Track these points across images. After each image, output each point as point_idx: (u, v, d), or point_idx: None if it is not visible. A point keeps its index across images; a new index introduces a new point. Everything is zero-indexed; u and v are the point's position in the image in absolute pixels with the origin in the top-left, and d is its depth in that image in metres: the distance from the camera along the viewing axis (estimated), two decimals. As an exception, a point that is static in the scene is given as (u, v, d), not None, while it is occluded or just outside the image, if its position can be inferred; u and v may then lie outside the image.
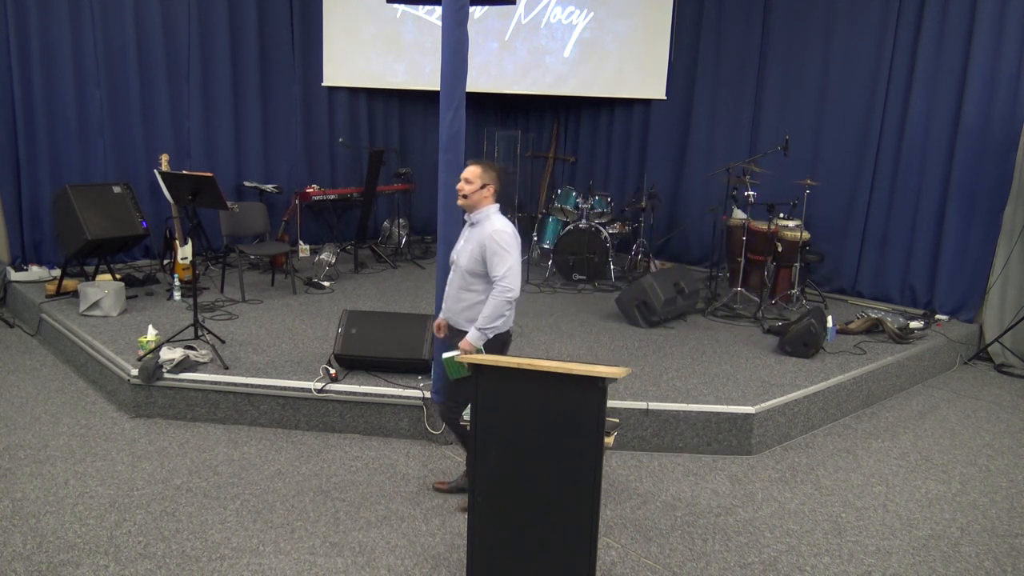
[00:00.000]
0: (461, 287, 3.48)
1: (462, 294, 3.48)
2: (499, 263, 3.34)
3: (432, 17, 8.37)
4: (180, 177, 5.10)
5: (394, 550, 3.33)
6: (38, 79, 6.52)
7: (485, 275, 3.41)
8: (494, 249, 3.35)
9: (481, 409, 2.86)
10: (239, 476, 3.90)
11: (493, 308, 3.35)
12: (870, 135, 6.98)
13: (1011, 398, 5.55)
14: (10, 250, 6.66)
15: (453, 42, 3.85)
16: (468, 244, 3.46)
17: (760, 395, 4.59)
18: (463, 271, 3.46)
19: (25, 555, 3.15)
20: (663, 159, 8.59)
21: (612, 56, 8.64)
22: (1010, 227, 6.22)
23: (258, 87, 7.91)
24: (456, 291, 3.51)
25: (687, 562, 3.33)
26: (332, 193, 8.18)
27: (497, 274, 3.34)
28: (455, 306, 3.52)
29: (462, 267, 3.46)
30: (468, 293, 3.46)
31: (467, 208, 3.48)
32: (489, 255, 3.35)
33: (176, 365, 4.52)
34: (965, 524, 3.74)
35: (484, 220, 3.44)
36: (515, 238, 3.41)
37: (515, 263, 3.37)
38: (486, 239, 3.36)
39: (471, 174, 3.44)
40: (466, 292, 3.47)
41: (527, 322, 6.04)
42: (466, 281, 3.46)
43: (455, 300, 3.52)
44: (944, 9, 6.45)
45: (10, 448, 4.08)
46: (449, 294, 3.57)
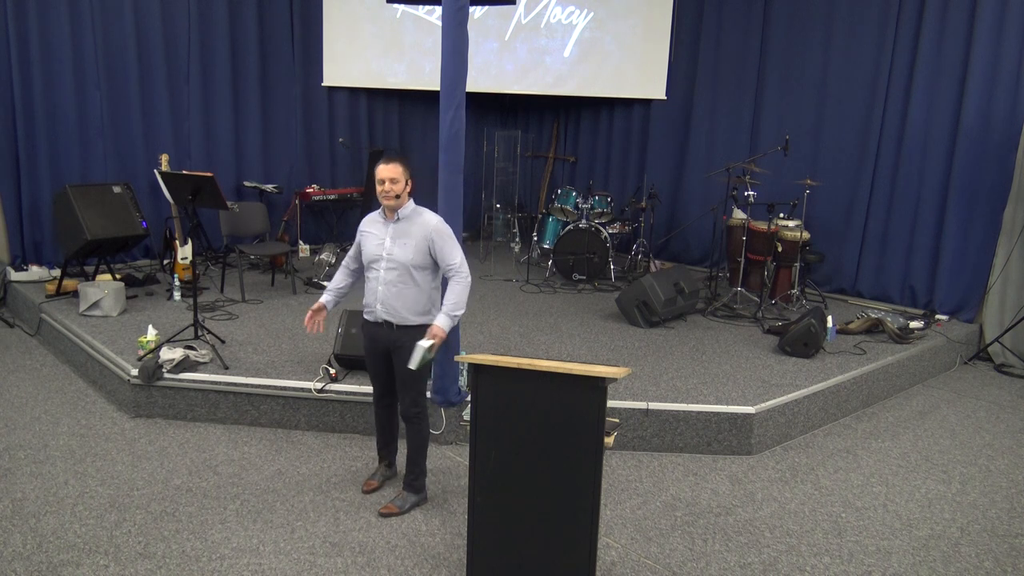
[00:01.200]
0: (400, 283, 3.47)
1: (403, 289, 3.47)
2: (451, 252, 3.47)
3: (432, 17, 8.37)
4: (180, 177, 5.10)
5: (394, 550, 3.33)
6: (38, 79, 6.52)
7: (430, 267, 3.49)
8: (444, 240, 3.47)
9: (481, 409, 2.86)
10: (239, 476, 3.90)
11: (459, 295, 3.44)
12: (870, 135, 6.98)
13: (1011, 398, 5.55)
14: (10, 250, 6.66)
15: (453, 42, 3.85)
16: (404, 239, 3.46)
17: (760, 395, 4.59)
18: (405, 266, 3.44)
19: (25, 555, 3.15)
20: (663, 159, 8.60)
21: (612, 56, 8.64)
22: (1010, 227, 6.22)
23: (258, 87, 7.91)
24: (394, 288, 3.47)
25: (687, 562, 3.33)
26: (332, 193, 8.18)
27: (454, 263, 3.46)
28: (395, 302, 3.47)
29: (403, 262, 3.44)
30: (409, 288, 3.48)
31: (396, 207, 3.50)
32: (439, 247, 3.46)
33: (176, 365, 4.51)
34: (965, 524, 3.74)
35: (414, 215, 3.52)
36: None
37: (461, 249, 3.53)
38: (431, 233, 3.46)
39: (396, 172, 3.45)
40: (407, 287, 3.47)
41: (527, 322, 6.04)
42: (408, 276, 3.46)
43: (395, 297, 3.47)
44: (944, 9, 6.45)
45: (10, 448, 4.08)
46: (385, 293, 3.47)
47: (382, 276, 3.49)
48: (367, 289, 3.57)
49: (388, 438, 3.89)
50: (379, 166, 3.46)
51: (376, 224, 3.58)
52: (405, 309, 3.49)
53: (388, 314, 3.50)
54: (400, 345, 3.49)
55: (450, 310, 3.43)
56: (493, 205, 9.39)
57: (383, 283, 3.49)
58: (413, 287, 3.48)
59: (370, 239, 3.56)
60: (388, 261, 3.47)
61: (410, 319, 3.50)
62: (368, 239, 3.57)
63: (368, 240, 3.56)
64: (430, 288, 3.53)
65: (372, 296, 3.53)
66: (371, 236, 3.56)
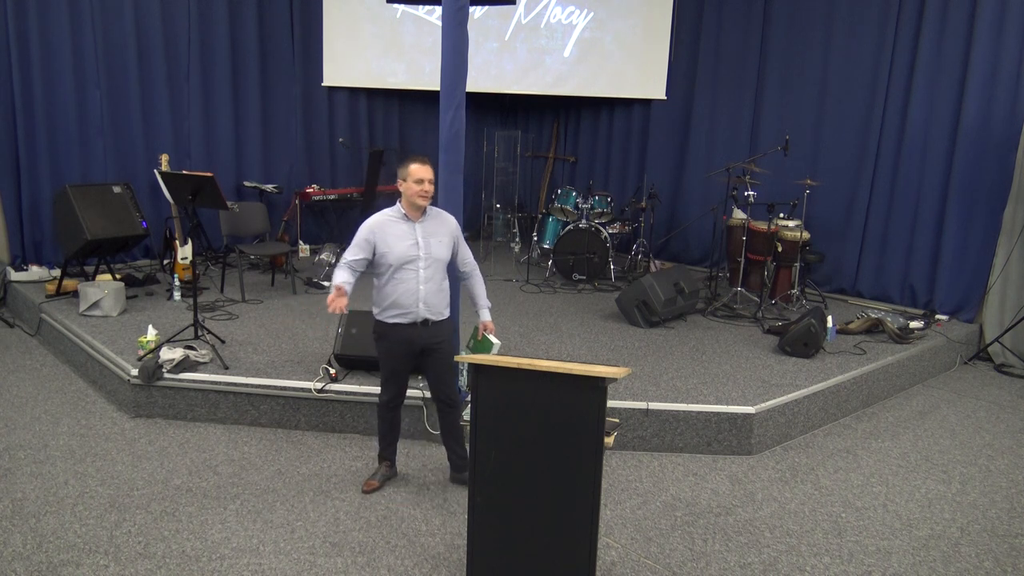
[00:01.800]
0: (440, 280, 3.62)
1: (442, 286, 3.63)
2: (467, 248, 3.78)
3: (432, 17, 8.37)
4: (180, 177, 5.10)
5: (394, 550, 3.33)
6: (38, 79, 6.52)
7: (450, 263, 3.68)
8: (461, 236, 3.73)
9: (481, 409, 2.86)
10: (239, 476, 3.91)
11: (484, 287, 3.82)
12: (870, 135, 6.98)
13: (1011, 398, 5.55)
14: (10, 250, 6.66)
15: (453, 42, 3.85)
16: (436, 238, 3.58)
17: (760, 395, 4.59)
18: (442, 263, 3.61)
19: (25, 555, 3.15)
20: (663, 159, 8.60)
21: (612, 56, 8.64)
22: (1010, 227, 6.22)
23: (258, 87, 7.91)
24: (436, 286, 3.59)
25: (687, 562, 3.33)
26: (332, 193, 8.18)
27: (471, 259, 3.78)
28: (436, 299, 3.60)
29: (442, 259, 3.60)
30: (444, 284, 3.65)
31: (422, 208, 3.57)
32: (460, 243, 3.71)
33: (176, 365, 4.51)
34: (965, 524, 3.74)
35: (439, 214, 3.69)
36: None
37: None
38: (454, 230, 3.69)
39: (432, 173, 3.54)
40: (443, 283, 3.65)
41: (527, 322, 6.04)
42: (442, 272, 3.63)
43: (435, 294, 3.59)
44: (944, 9, 6.45)
45: (10, 448, 4.08)
46: (429, 291, 3.56)
47: (425, 275, 3.54)
48: (401, 291, 3.53)
49: (394, 439, 3.91)
50: (414, 166, 3.49)
51: (397, 225, 3.55)
52: (442, 303, 3.65)
53: (429, 310, 3.58)
54: (439, 340, 3.64)
55: (487, 303, 3.79)
56: (493, 205, 9.39)
57: (426, 282, 3.54)
58: (444, 282, 3.64)
59: (397, 241, 3.53)
60: (426, 259, 3.53)
61: (444, 313, 3.67)
62: (394, 241, 3.53)
63: (395, 242, 3.52)
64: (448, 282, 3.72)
65: (411, 297, 3.53)
66: (396, 238, 3.53)
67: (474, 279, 3.78)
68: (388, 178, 8.64)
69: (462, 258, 3.74)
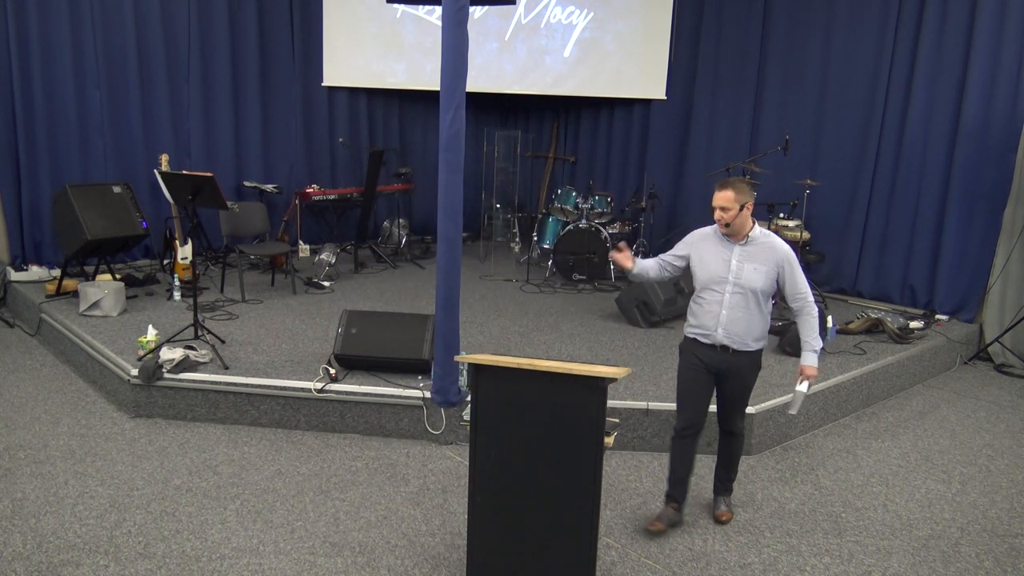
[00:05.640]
0: (748, 308, 3.37)
1: (750, 316, 3.38)
2: (801, 279, 3.38)
3: (432, 17, 8.37)
4: (180, 177, 5.10)
5: (394, 550, 3.33)
6: (38, 79, 6.52)
7: (771, 293, 3.41)
8: (793, 267, 3.37)
9: (481, 409, 2.86)
10: (239, 476, 3.90)
11: (813, 326, 3.39)
12: (870, 135, 6.98)
13: (1011, 398, 5.55)
14: (10, 250, 6.66)
15: (453, 42, 3.85)
16: (754, 264, 3.35)
17: (760, 395, 4.58)
18: (755, 292, 3.35)
19: (25, 555, 3.15)
20: (663, 159, 8.59)
21: (612, 56, 8.64)
22: (1010, 227, 6.22)
23: (258, 87, 7.91)
24: (743, 313, 3.36)
25: (687, 562, 3.33)
26: (332, 193, 8.18)
27: (804, 290, 3.38)
28: (742, 328, 3.37)
29: (755, 288, 3.34)
30: (755, 314, 3.39)
31: (732, 233, 3.39)
32: (789, 273, 3.37)
33: (176, 365, 4.51)
34: (965, 524, 3.74)
35: (764, 238, 3.41)
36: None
37: (805, 278, 3.44)
38: (782, 258, 3.36)
39: (725, 200, 3.36)
40: (754, 313, 3.39)
41: (527, 322, 6.04)
42: (756, 302, 3.37)
43: (742, 322, 3.37)
44: (944, 9, 6.45)
45: (10, 448, 4.08)
46: (732, 317, 3.36)
47: (728, 300, 3.37)
48: (701, 310, 3.45)
49: (687, 472, 3.59)
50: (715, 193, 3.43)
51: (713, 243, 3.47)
52: (748, 334, 3.40)
53: (732, 339, 3.39)
54: (737, 369, 3.43)
55: (815, 345, 3.38)
56: (493, 205, 9.39)
57: (728, 307, 3.37)
58: (757, 313, 3.40)
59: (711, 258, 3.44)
60: (734, 284, 3.37)
61: (750, 344, 3.42)
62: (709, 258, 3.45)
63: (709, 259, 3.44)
64: (768, 314, 3.46)
65: (719, 319, 3.39)
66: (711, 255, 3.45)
67: (805, 316, 3.40)
68: (388, 178, 8.66)
69: (793, 290, 3.39)
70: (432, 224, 8.37)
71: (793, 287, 3.38)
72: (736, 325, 3.38)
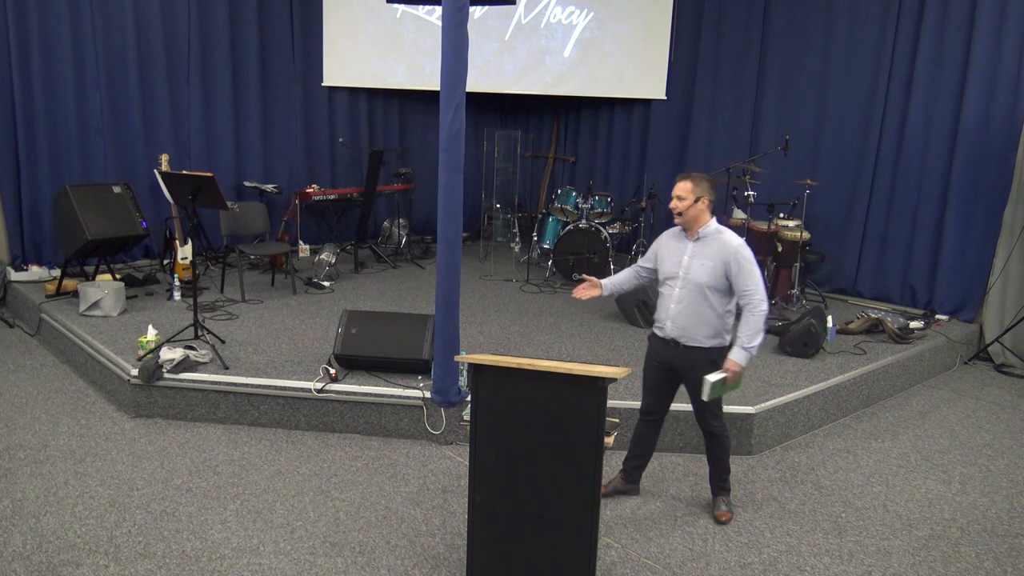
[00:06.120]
0: (697, 303, 3.40)
1: (699, 310, 3.41)
2: (747, 278, 3.34)
3: (432, 17, 8.37)
4: (180, 177, 5.10)
5: (394, 550, 3.33)
6: (38, 79, 6.52)
7: (725, 290, 3.40)
8: (740, 264, 3.34)
9: (481, 409, 2.86)
10: (239, 476, 3.90)
11: (754, 325, 3.32)
12: (870, 135, 6.98)
13: (1011, 398, 5.55)
14: (10, 250, 6.66)
15: (453, 42, 3.85)
16: (702, 259, 3.40)
17: (760, 395, 4.59)
18: (701, 287, 3.38)
19: (25, 555, 3.15)
20: (663, 159, 8.59)
21: (612, 56, 8.64)
22: (1010, 227, 6.22)
23: (258, 87, 7.91)
24: (691, 308, 3.41)
25: (687, 562, 3.33)
26: (332, 193, 8.18)
27: (748, 288, 3.33)
28: (692, 323, 3.42)
29: (700, 283, 3.38)
30: (705, 309, 3.41)
31: (686, 224, 3.45)
32: (735, 271, 3.34)
33: (176, 365, 4.51)
34: (965, 524, 3.74)
35: (715, 234, 3.43)
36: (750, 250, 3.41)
37: (760, 276, 3.37)
38: (728, 255, 3.35)
39: (682, 190, 3.42)
40: (703, 308, 3.41)
41: (527, 322, 6.04)
42: (704, 297, 3.40)
43: (691, 317, 3.42)
44: (944, 9, 6.45)
45: (10, 448, 4.08)
46: (680, 312, 3.43)
47: (678, 294, 3.44)
48: (660, 304, 3.54)
49: (640, 452, 3.79)
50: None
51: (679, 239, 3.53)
52: (698, 330, 3.42)
53: (680, 332, 3.45)
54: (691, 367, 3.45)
55: (746, 343, 3.32)
56: (493, 205, 9.39)
57: (677, 301, 3.44)
58: (707, 308, 3.40)
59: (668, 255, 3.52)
60: (681, 279, 3.42)
61: (700, 340, 3.44)
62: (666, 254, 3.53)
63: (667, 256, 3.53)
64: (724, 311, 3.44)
65: (669, 312, 3.48)
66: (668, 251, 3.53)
67: (743, 314, 3.37)
68: (388, 178, 8.65)
69: (737, 288, 3.37)
70: (432, 224, 8.38)
71: (738, 284, 3.36)
72: (684, 319, 3.44)
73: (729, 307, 3.46)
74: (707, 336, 3.44)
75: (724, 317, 3.45)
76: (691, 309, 3.42)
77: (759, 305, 3.32)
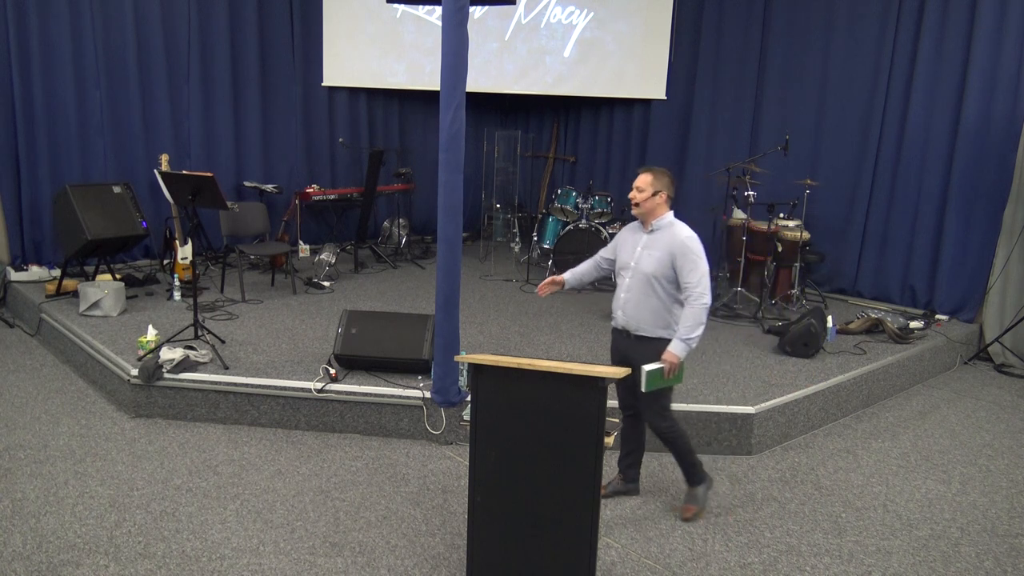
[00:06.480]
0: (645, 293, 3.45)
1: (646, 300, 3.45)
2: (691, 270, 3.35)
3: (432, 17, 8.37)
4: (180, 177, 5.10)
5: (394, 550, 3.33)
6: (38, 79, 6.52)
7: (672, 281, 3.42)
8: (686, 256, 3.36)
9: (481, 409, 2.86)
10: (239, 476, 3.90)
11: (693, 317, 3.34)
12: (870, 135, 6.99)
13: (1011, 398, 5.55)
14: (10, 250, 6.66)
15: (453, 42, 3.85)
16: (651, 250, 3.44)
17: (760, 395, 4.59)
18: (648, 276, 3.42)
19: (25, 555, 3.15)
20: (663, 159, 8.58)
21: (612, 56, 8.64)
22: (1010, 227, 6.22)
23: (258, 87, 7.91)
24: (638, 297, 3.46)
25: (687, 562, 3.33)
26: (332, 193, 8.18)
27: (691, 281, 3.35)
28: (638, 313, 3.47)
29: (647, 273, 3.42)
30: (652, 299, 3.44)
31: (641, 216, 3.50)
32: (680, 263, 3.37)
33: (176, 365, 4.51)
34: (965, 524, 3.74)
35: (667, 227, 3.46)
36: (701, 245, 3.42)
37: (706, 270, 3.38)
38: (676, 246, 3.38)
39: (642, 182, 3.45)
40: (650, 298, 3.45)
41: (527, 322, 6.04)
42: (651, 287, 3.43)
43: (637, 306, 3.47)
44: (944, 9, 6.45)
45: (10, 448, 4.08)
46: (628, 300, 3.49)
47: (628, 283, 3.50)
48: (614, 295, 3.60)
49: (629, 450, 3.83)
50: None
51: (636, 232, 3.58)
52: (646, 319, 3.46)
53: (628, 321, 3.51)
54: (638, 358, 3.43)
55: (684, 334, 3.34)
56: (493, 205, 9.39)
57: (628, 291, 3.50)
58: (654, 299, 3.44)
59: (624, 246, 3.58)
60: (632, 270, 3.48)
61: (648, 330, 3.47)
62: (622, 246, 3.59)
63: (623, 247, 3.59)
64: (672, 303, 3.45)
65: (620, 301, 3.55)
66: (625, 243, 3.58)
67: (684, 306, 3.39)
68: (388, 178, 8.65)
69: (680, 280, 3.38)
70: (432, 224, 8.38)
71: (681, 275, 3.38)
72: (631, 308, 3.48)
73: (679, 299, 3.47)
74: (655, 326, 3.47)
75: (672, 309, 3.47)
76: (638, 298, 3.47)
77: (700, 298, 3.33)
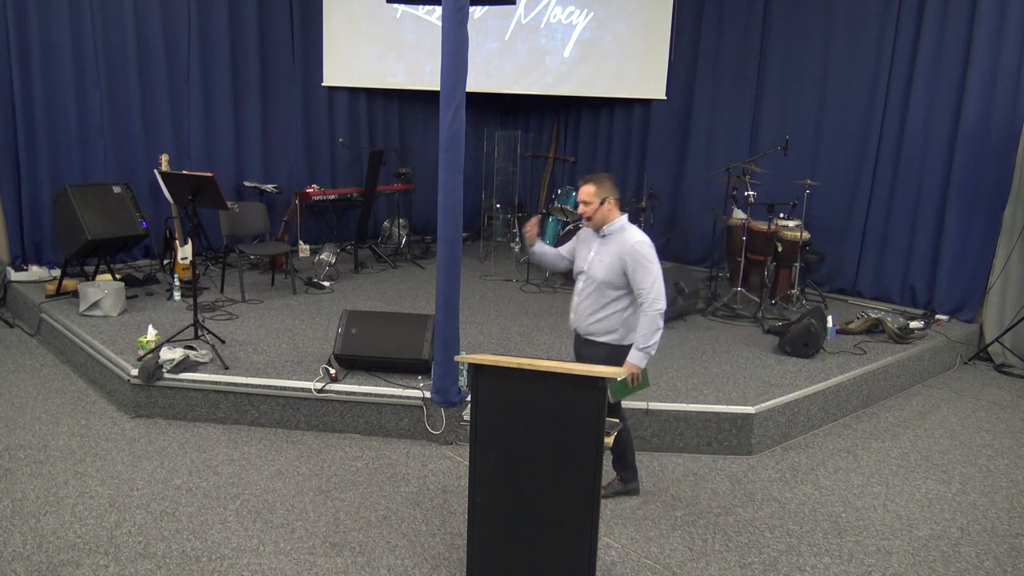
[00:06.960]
0: (595, 299, 3.46)
1: (596, 306, 3.47)
2: (643, 276, 3.31)
3: (432, 17, 8.37)
4: (180, 177, 5.10)
5: (394, 550, 3.33)
6: (38, 79, 6.52)
7: (623, 287, 3.40)
8: (637, 261, 3.33)
9: (481, 409, 2.86)
10: (239, 476, 3.90)
11: (648, 325, 3.29)
12: (870, 135, 6.98)
13: (1011, 398, 5.55)
14: (10, 250, 6.66)
15: (453, 42, 3.84)
16: (602, 256, 3.44)
17: (760, 395, 4.59)
18: (598, 283, 3.43)
19: (25, 555, 3.15)
20: (663, 159, 8.60)
21: (612, 56, 8.64)
22: (1010, 227, 6.22)
23: (258, 87, 7.91)
24: (588, 302, 3.49)
25: (687, 562, 3.33)
26: (332, 193, 8.18)
27: (644, 287, 3.31)
28: (588, 318, 3.50)
29: (598, 280, 3.43)
30: (603, 305, 3.45)
31: (595, 226, 3.50)
32: (632, 269, 3.34)
33: (176, 365, 4.51)
34: (965, 524, 3.74)
35: (618, 232, 3.45)
36: (653, 249, 3.39)
37: (658, 274, 3.33)
38: (625, 252, 3.35)
39: (586, 194, 3.43)
40: (600, 304, 3.46)
41: (527, 322, 6.04)
42: (601, 293, 3.44)
43: (588, 311, 3.49)
44: (944, 9, 6.45)
45: (10, 448, 4.08)
46: (581, 305, 3.52)
47: (581, 288, 3.54)
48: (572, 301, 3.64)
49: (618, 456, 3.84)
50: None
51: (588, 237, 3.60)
52: (594, 325, 3.49)
53: (579, 324, 3.56)
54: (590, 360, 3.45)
55: (641, 343, 3.30)
56: (493, 205, 9.39)
57: (579, 295, 3.54)
58: (606, 306, 3.45)
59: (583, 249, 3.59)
60: (586, 275, 3.50)
61: (597, 335, 3.49)
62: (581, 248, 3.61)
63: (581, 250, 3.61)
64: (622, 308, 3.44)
65: (574, 305, 3.60)
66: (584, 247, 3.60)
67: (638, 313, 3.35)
68: (388, 178, 8.65)
69: (633, 286, 3.35)
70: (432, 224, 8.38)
71: (633, 281, 3.35)
72: (582, 311, 3.52)
73: (630, 304, 3.44)
74: (603, 331, 3.48)
75: (623, 314, 3.45)
76: (589, 303, 3.49)
77: (654, 304, 3.29)
